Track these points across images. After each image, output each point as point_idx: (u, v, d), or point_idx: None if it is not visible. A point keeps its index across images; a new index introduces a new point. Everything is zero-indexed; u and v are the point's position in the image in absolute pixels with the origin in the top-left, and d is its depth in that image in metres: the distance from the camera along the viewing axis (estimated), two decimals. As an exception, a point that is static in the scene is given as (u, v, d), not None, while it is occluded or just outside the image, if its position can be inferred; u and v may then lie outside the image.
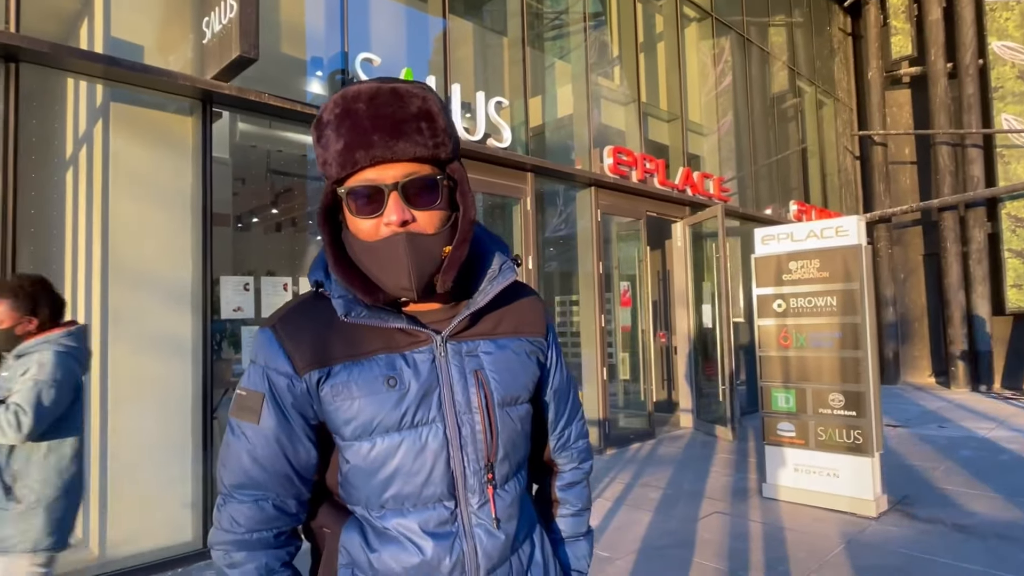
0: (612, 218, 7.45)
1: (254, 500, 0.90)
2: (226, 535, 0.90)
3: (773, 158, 10.55)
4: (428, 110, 0.85)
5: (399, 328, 0.91)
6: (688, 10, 8.94)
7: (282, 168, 6.32)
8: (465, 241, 0.90)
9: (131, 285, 3.76)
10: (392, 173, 0.84)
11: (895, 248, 12.66)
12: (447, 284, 0.90)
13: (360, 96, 0.84)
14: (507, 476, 0.97)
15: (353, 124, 0.83)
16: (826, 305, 4.67)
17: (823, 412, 4.63)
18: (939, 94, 11.47)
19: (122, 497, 3.70)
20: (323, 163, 0.86)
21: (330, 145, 0.84)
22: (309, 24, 4.96)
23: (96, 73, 3.66)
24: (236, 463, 0.91)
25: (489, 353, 0.96)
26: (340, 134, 0.83)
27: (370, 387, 0.88)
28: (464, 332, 0.95)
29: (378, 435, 0.89)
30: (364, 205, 0.85)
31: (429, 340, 0.92)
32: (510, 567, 0.96)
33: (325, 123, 0.85)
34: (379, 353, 0.90)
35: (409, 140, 0.83)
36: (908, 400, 9.92)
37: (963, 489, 4.90)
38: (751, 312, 8.49)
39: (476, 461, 0.92)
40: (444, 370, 0.92)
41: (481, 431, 0.92)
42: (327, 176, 0.87)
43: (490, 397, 0.93)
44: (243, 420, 0.91)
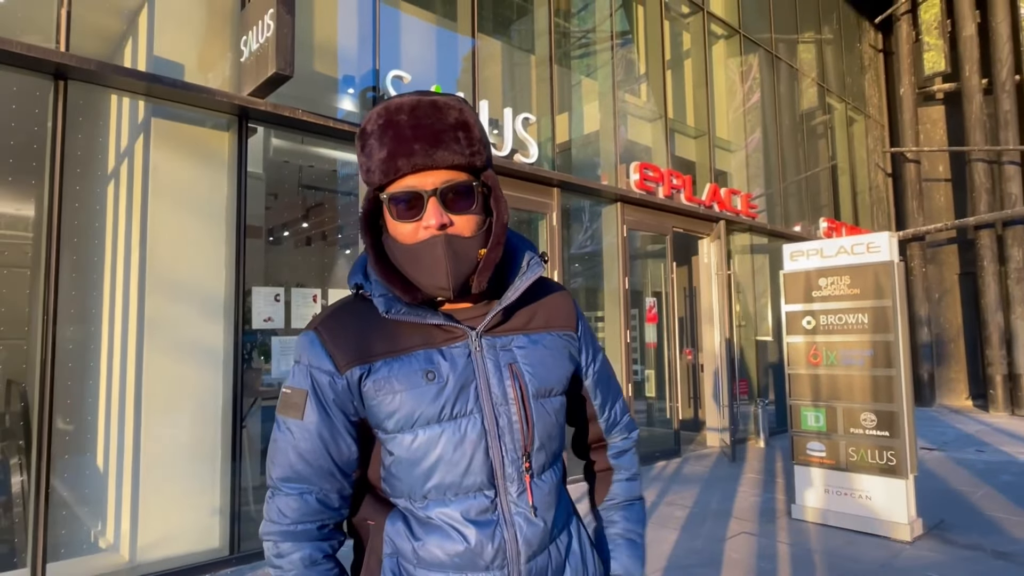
0: (638, 234, 7.43)
1: (299, 493, 0.94)
2: (274, 526, 0.95)
3: (802, 175, 10.44)
4: (465, 121, 0.91)
5: (436, 324, 0.96)
6: (716, 27, 8.95)
7: (313, 183, 6.46)
8: (499, 244, 0.96)
9: (167, 295, 3.87)
10: (431, 180, 0.90)
11: (929, 267, 12.38)
12: (482, 284, 0.95)
13: (402, 108, 0.90)
14: (544, 466, 0.99)
15: (396, 134, 0.88)
16: (857, 322, 4.59)
17: (854, 432, 4.53)
18: (974, 111, 11.26)
19: (153, 503, 3.77)
20: (367, 171, 0.92)
21: (373, 154, 0.90)
22: (342, 42, 5.09)
23: (139, 90, 3.80)
24: (282, 457, 0.96)
25: (522, 347, 0.99)
26: (383, 143, 0.89)
27: (410, 381, 0.93)
28: (498, 327, 0.99)
29: (419, 427, 0.93)
30: (405, 210, 0.91)
31: (465, 336, 0.96)
32: (549, 556, 0.98)
33: (369, 133, 0.91)
34: (417, 349, 0.95)
35: (447, 149, 0.89)
36: (944, 423, 9.63)
37: (1003, 515, 4.73)
38: (779, 329, 8.37)
39: (514, 451, 0.95)
40: (480, 364, 0.96)
41: (518, 421, 0.96)
42: (369, 183, 0.93)
43: (525, 389, 0.97)
44: (288, 416, 0.96)
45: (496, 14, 7.09)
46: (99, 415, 4.12)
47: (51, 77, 3.51)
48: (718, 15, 8.91)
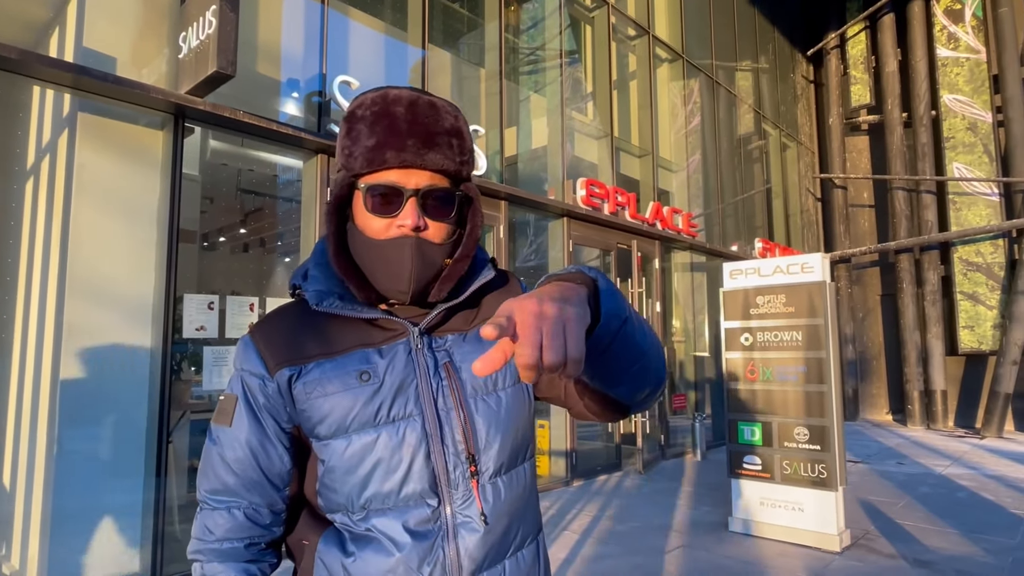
0: (583, 249, 7.52)
1: (226, 508, 0.90)
2: (200, 544, 0.90)
3: (739, 197, 10.84)
4: (459, 128, 0.90)
5: (374, 322, 0.91)
6: (660, 51, 9.23)
7: (253, 187, 6.24)
8: (468, 256, 0.93)
9: (89, 300, 3.62)
10: (415, 179, 0.87)
11: (854, 288, 13.05)
12: (442, 294, 0.91)
13: (400, 100, 0.87)
14: (498, 469, 0.92)
15: (389, 125, 0.85)
16: (792, 339, 4.75)
17: (788, 446, 4.68)
18: (895, 142, 12.00)
19: (67, 524, 3.49)
20: (347, 155, 0.88)
21: (360, 139, 0.86)
22: (288, 45, 4.95)
23: (65, 82, 3.57)
24: (210, 468, 0.92)
25: (460, 346, 0.94)
26: (374, 131, 0.85)
27: (343, 382, 0.88)
28: (439, 328, 0.94)
29: (354, 432, 0.87)
30: (381, 204, 0.87)
31: (405, 333, 0.91)
32: (503, 570, 0.91)
33: (359, 117, 0.87)
34: (353, 349, 0.90)
35: (439, 152, 0.87)
36: (867, 436, 10.11)
37: (923, 525, 4.98)
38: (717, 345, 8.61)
39: (456, 454, 0.89)
40: (420, 363, 0.90)
41: (458, 423, 0.90)
42: (347, 168, 0.88)
43: (459, 387, 0.91)
44: (219, 424, 0.92)
45: (447, 26, 7.08)
46: (7, 429, 3.81)
47: (-35, 64, 3.25)
48: (663, 39, 9.19)
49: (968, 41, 11.56)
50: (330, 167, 4.76)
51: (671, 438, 8.21)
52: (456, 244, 0.93)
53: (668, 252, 8.84)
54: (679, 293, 9.20)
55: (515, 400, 0.95)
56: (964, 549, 4.37)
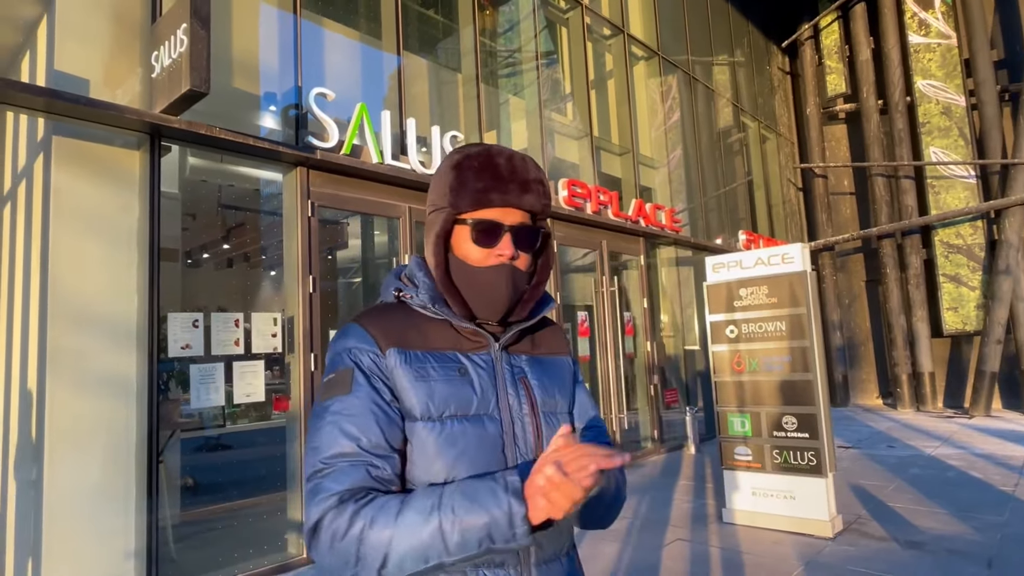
0: (568, 249, 7.55)
1: (350, 464, 0.91)
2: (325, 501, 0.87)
3: (721, 190, 10.93)
4: (542, 179, 1.09)
5: (465, 331, 1.06)
6: (636, 49, 9.29)
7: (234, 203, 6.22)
8: (543, 283, 1.13)
9: (72, 324, 3.60)
10: (512, 218, 1.05)
11: (839, 275, 13.18)
12: (523, 313, 1.09)
13: (502, 154, 1.06)
14: None
15: (494, 173, 1.03)
16: (776, 330, 4.81)
17: (777, 435, 4.73)
18: (872, 129, 12.14)
19: (59, 549, 3.47)
20: (455, 194, 1.03)
21: (468, 183, 1.03)
22: (262, 58, 4.95)
23: (37, 107, 3.55)
24: (328, 438, 0.94)
25: (530, 366, 1.11)
26: (481, 177, 1.03)
27: (445, 372, 1.01)
28: (512, 346, 1.11)
29: (448, 418, 0.98)
30: (484, 236, 1.03)
31: (488, 345, 1.07)
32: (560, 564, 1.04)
33: (466, 167, 1.05)
34: (448, 350, 1.04)
35: (532, 195, 1.05)
36: (858, 422, 10.22)
37: (914, 506, 5.04)
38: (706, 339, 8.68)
39: (527, 454, 1.02)
40: (500, 372, 1.06)
41: (531, 430, 1.04)
42: (453, 206, 1.04)
43: (535, 401, 1.07)
44: (333, 396, 0.97)
45: (422, 32, 7.10)
46: (-5, 457, 3.79)
47: (-65, 92, 3.24)
48: (638, 37, 9.25)
49: (939, 27, 11.72)
50: (310, 179, 4.76)
51: (664, 432, 8.25)
52: (533, 272, 1.12)
53: (653, 248, 8.89)
54: (666, 288, 9.26)
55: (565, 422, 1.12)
56: (954, 528, 4.44)
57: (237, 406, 4.69)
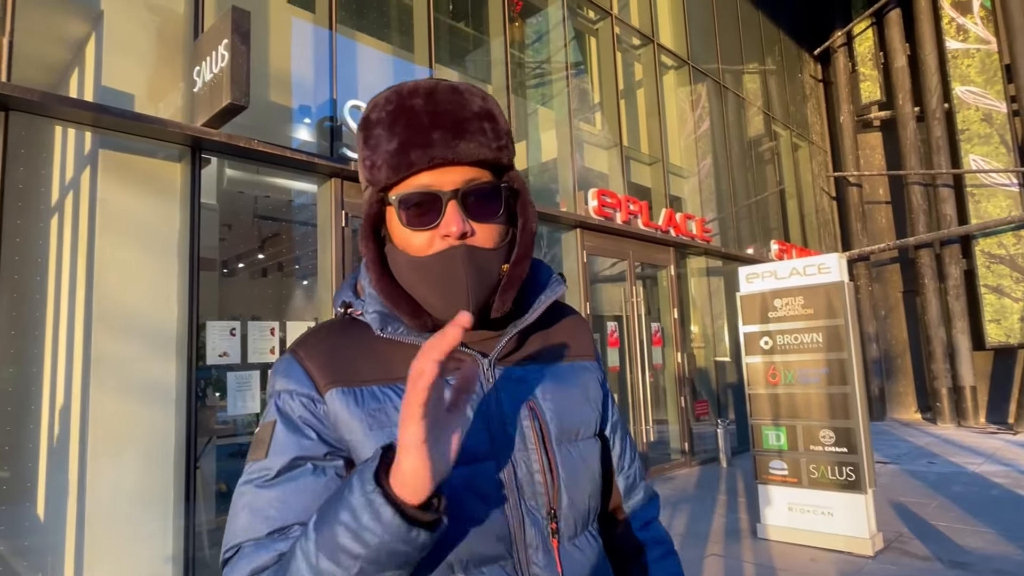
0: (597, 259, 7.52)
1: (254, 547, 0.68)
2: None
3: (752, 199, 10.79)
4: (489, 110, 0.77)
5: None
6: (666, 59, 9.25)
7: (269, 213, 6.35)
8: (527, 257, 0.81)
9: (115, 332, 3.70)
10: (451, 178, 0.74)
11: (875, 285, 12.89)
12: (506, 306, 0.79)
13: (417, 91, 0.75)
14: (576, 529, 0.79)
15: (409, 121, 0.73)
16: (812, 341, 4.71)
17: (814, 449, 4.62)
18: (909, 137, 11.88)
19: (100, 552, 3.55)
20: (371, 167, 0.76)
21: (380, 145, 0.74)
22: (298, 72, 5.06)
23: (86, 121, 3.68)
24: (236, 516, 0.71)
25: (541, 380, 0.81)
26: (394, 132, 0.73)
27: None
28: (511, 355, 0.81)
29: None
30: (417, 215, 0.74)
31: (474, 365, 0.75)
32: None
33: (374, 122, 0.76)
34: None
35: (472, 140, 0.74)
36: (896, 436, 9.94)
37: (957, 525, 4.88)
38: (737, 350, 8.56)
39: (536, 508, 0.75)
40: (493, 400, 0.76)
41: (540, 471, 0.76)
42: (373, 182, 0.76)
43: (546, 430, 0.78)
44: (251, 459, 0.73)
45: (453, 45, 7.18)
46: (40, 461, 3.89)
47: (-9, 108, 3.37)
48: (668, 47, 9.22)
49: (978, 32, 11.45)
50: (344, 191, 4.84)
51: (695, 445, 8.13)
52: (511, 246, 0.81)
53: (683, 258, 8.81)
54: (696, 298, 9.15)
55: (593, 452, 0.84)
56: (1001, 548, 4.28)
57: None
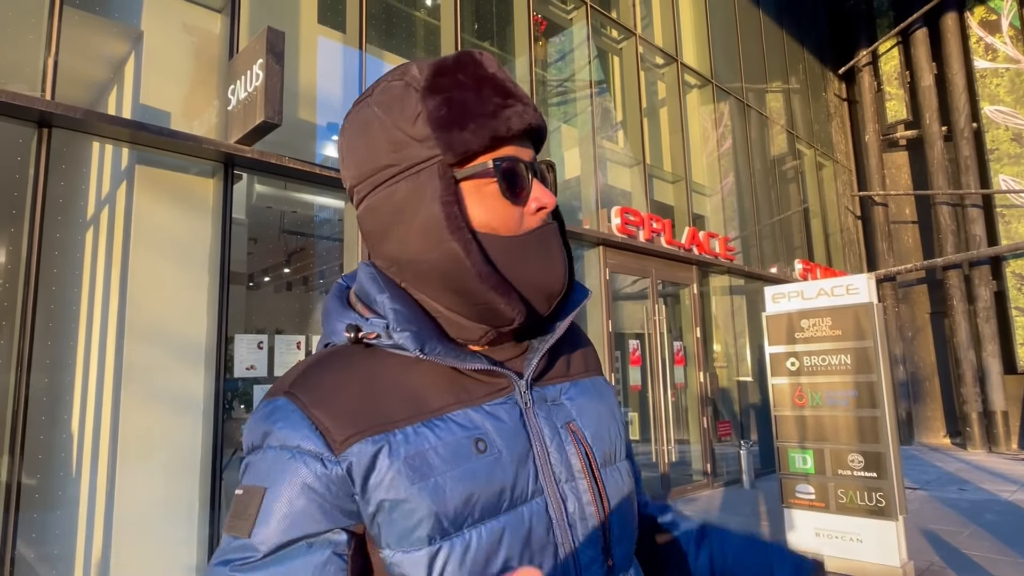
0: (618, 276, 7.51)
1: None
2: None
3: (776, 218, 10.71)
4: None
5: (467, 373, 0.65)
6: (689, 77, 9.28)
7: (296, 228, 6.45)
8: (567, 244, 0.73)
9: (146, 343, 3.77)
10: (528, 152, 0.67)
11: (901, 306, 12.67)
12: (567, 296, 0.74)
13: (489, 63, 0.67)
14: (626, 562, 0.71)
15: (498, 88, 0.65)
16: (840, 363, 4.64)
17: (843, 473, 4.53)
18: (936, 156, 11.74)
19: (126, 560, 3.59)
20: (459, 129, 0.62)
21: (470, 107, 0.62)
22: (327, 90, 5.16)
23: (123, 138, 3.79)
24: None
25: (574, 399, 0.72)
26: (484, 95, 0.63)
27: (456, 455, 0.60)
28: (543, 375, 0.71)
29: (472, 527, 0.59)
30: (514, 185, 0.64)
31: (510, 387, 0.67)
32: None
33: (452, 85, 0.63)
34: (453, 408, 0.63)
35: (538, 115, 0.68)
36: (924, 462, 9.70)
37: (992, 555, 4.73)
38: (760, 370, 8.44)
39: (592, 545, 0.65)
40: (534, 426, 0.66)
41: (591, 503, 0.66)
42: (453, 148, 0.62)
43: (592, 456, 0.69)
44: (230, 533, 0.58)
45: (478, 64, 7.26)
46: (70, 469, 3.96)
47: (35, 125, 3.48)
48: (691, 66, 9.25)
49: (1007, 51, 11.33)
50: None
51: (717, 466, 8.02)
52: None
53: (706, 276, 8.75)
54: (718, 317, 9.07)
55: (628, 476, 0.76)
56: (1039, 581, 4.14)
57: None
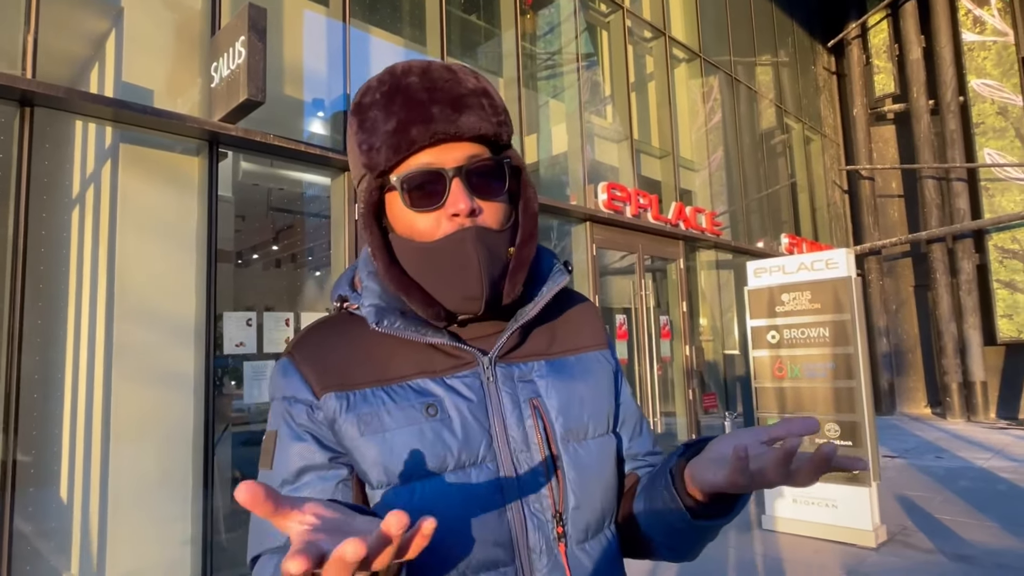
0: (607, 252, 7.57)
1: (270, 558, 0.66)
2: None
3: (763, 192, 10.77)
4: (484, 88, 0.76)
5: (436, 347, 0.75)
6: (677, 51, 9.24)
7: (282, 206, 6.44)
8: (532, 238, 0.78)
9: (136, 321, 3.82)
10: (453, 155, 0.72)
11: (886, 279, 12.84)
12: (516, 290, 0.76)
13: (411, 70, 0.74)
14: (586, 532, 0.75)
15: (407, 99, 0.71)
16: (819, 336, 4.75)
17: (819, 442, 4.66)
18: (923, 130, 11.79)
19: (122, 533, 3.68)
20: (368, 150, 0.73)
21: (378, 127, 0.72)
22: (312, 66, 5.13)
23: (107, 116, 3.77)
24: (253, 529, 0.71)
25: (545, 377, 0.78)
26: (391, 112, 0.71)
27: (406, 416, 0.71)
28: (514, 352, 0.78)
29: (417, 480, 0.69)
30: (421, 196, 0.72)
31: (474, 362, 0.75)
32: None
33: (368, 105, 0.74)
34: (414, 378, 0.73)
35: (472, 114, 0.72)
36: (905, 431, 9.94)
37: (962, 519, 4.92)
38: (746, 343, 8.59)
39: (540, 512, 0.72)
40: (494, 398, 0.74)
41: (543, 472, 0.73)
42: (372, 166, 0.73)
43: (551, 429, 0.75)
44: (260, 469, 0.74)
45: (464, 38, 7.21)
46: (63, 445, 4.02)
47: (17, 104, 3.47)
48: (679, 39, 9.21)
49: (995, 24, 11.33)
50: (357, 184, 4.90)
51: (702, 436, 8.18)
52: (513, 228, 0.79)
53: (693, 252, 8.83)
54: (705, 292, 9.18)
55: (606, 450, 0.81)
56: (1005, 542, 4.32)
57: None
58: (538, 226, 0.80)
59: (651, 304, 7.70)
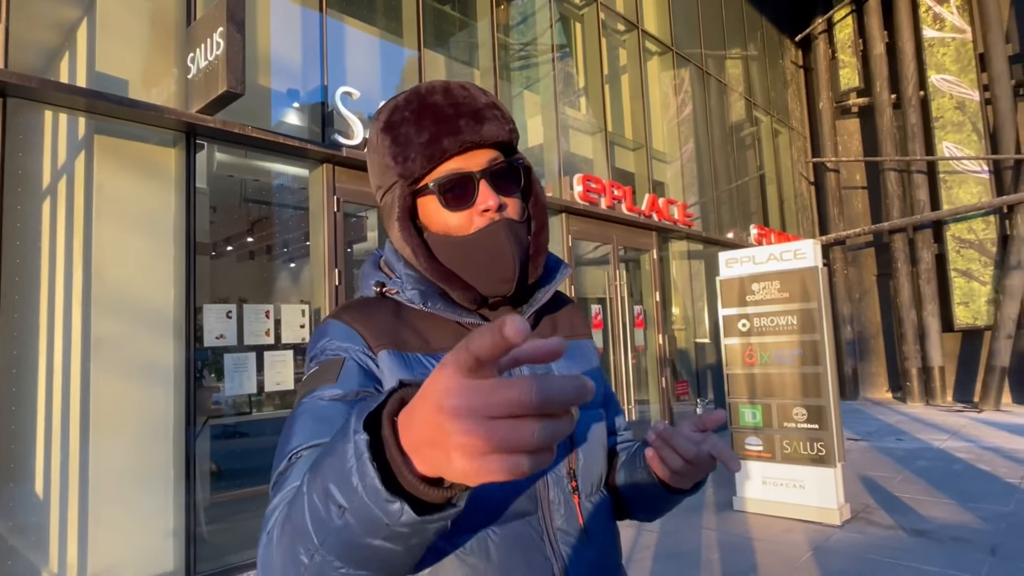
0: (582, 243, 7.68)
1: None
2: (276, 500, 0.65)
3: (733, 184, 11.00)
4: (493, 102, 0.88)
5: (467, 327, 0.87)
6: (650, 44, 9.36)
7: (257, 197, 6.39)
8: (545, 227, 0.92)
9: (114, 314, 3.79)
10: (477, 160, 0.84)
11: (850, 269, 13.23)
12: (538, 272, 0.90)
13: (434, 90, 0.86)
14: (591, 488, 0.89)
15: (436, 115, 0.83)
16: (787, 324, 4.93)
17: (788, 426, 4.86)
18: (885, 124, 12.15)
19: (103, 527, 3.67)
20: (403, 161, 0.84)
21: (411, 140, 0.83)
22: (289, 57, 5.10)
23: (80, 107, 3.72)
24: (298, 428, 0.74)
25: None
26: (422, 126, 0.83)
27: None
28: None
29: None
30: (454, 197, 0.84)
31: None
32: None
33: (399, 122, 0.85)
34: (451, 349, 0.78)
35: (491, 124, 0.85)
36: (867, 415, 10.31)
37: (921, 497, 5.17)
38: (717, 332, 8.79)
39: (557, 469, 0.85)
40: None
41: None
42: (406, 176, 0.85)
43: None
44: (314, 387, 0.78)
45: (439, 28, 7.21)
46: (38, 440, 3.98)
47: (-12, 94, 3.41)
48: (652, 33, 9.33)
49: (953, 21, 11.69)
50: (335, 176, 4.91)
51: (675, 423, 8.36)
52: (529, 220, 0.92)
53: (665, 242, 9.00)
54: (678, 281, 9.37)
55: (601, 422, 0.95)
56: (960, 517, 4.56)
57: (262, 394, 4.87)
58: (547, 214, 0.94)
59: (625, 294, 7.84)
